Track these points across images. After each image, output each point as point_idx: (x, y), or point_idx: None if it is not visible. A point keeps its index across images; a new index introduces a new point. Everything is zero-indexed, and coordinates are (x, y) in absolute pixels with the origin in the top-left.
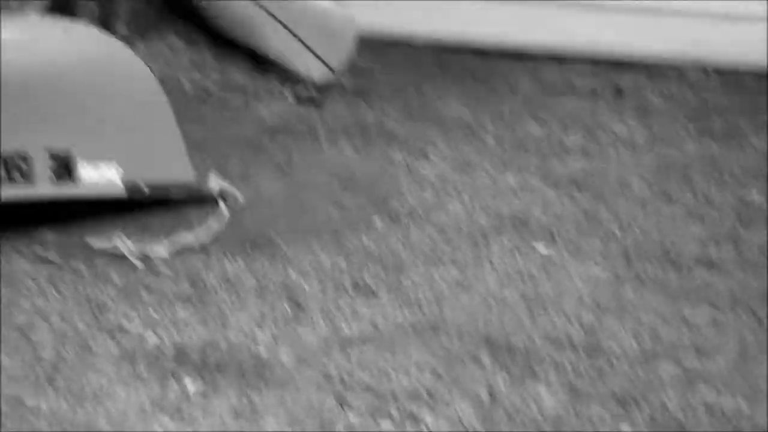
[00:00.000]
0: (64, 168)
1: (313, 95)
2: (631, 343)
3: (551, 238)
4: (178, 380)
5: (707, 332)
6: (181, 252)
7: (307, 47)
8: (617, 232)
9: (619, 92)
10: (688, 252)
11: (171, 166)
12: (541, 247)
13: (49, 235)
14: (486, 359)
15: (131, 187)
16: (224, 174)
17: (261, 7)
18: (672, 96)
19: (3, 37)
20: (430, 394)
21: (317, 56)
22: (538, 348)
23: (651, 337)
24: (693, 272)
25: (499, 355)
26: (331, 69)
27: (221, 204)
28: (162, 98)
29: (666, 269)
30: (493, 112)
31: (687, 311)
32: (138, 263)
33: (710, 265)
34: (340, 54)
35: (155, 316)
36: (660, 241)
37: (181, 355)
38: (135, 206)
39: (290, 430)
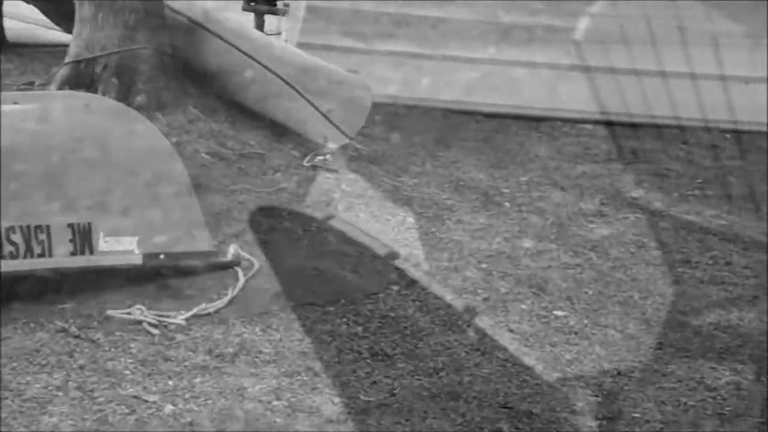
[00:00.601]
0: (82, 240)
1: (329, 162)
2: (653, 410)
3: (570, 304)
4: None
5: (729, 398)
6: (199, 320)
7: (323, 114)
8: (636, 297)
9: (635, 156)
10: (709, 316)
11: (188, 234)
12: (560, 313)
13: (69, 306)
14: (505, 426)
15: (149, 257)
16: (241, 241)
17: (277, 75)
18: (689, 159)
19: (23, 111)
20: None
21: (333, 123)
22: (558, 415)
23: (672, 403)
24: (714, 337)
25: (519, 422)
26: (346, 135)
27: (238, 271)
28: (180, 168)
29: (686, 334)
30: (510, 177)
31: (709, 377)
32: (155, 331)
33: (731, 329)
34: (355, 121)
35: (172, 386)
36: (680, 305)
37: (197, 426)
38: (153, 275)
39: None
